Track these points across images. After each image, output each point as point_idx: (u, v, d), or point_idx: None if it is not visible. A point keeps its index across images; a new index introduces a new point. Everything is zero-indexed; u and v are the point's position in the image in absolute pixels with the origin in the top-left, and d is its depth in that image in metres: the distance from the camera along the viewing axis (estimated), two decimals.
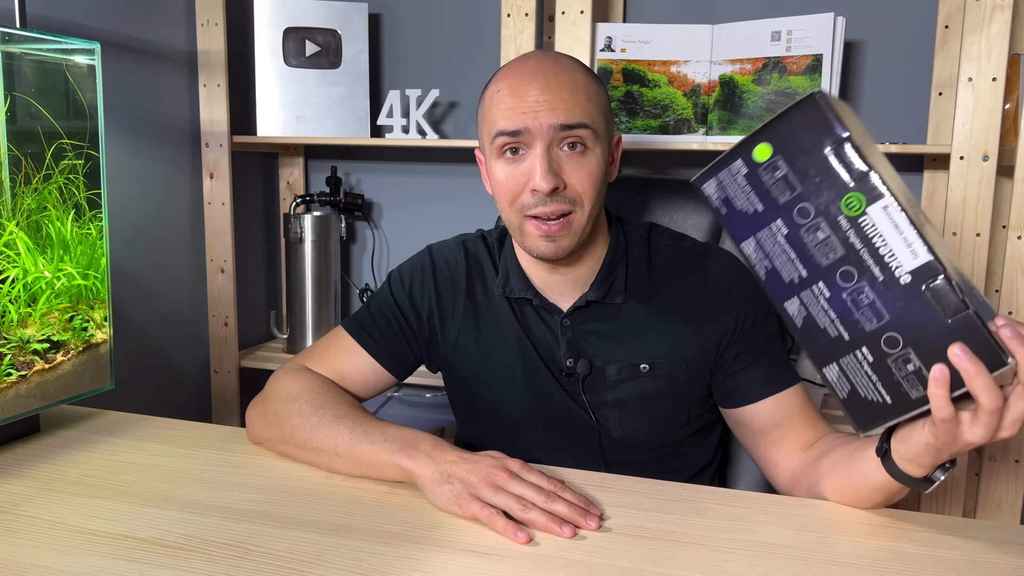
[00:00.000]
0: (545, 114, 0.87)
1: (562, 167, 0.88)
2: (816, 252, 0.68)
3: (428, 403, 1.97)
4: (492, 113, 0.90)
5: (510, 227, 0.94)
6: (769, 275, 0.71)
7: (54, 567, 0.67)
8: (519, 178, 0.89)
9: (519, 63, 0.92)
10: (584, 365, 0.96)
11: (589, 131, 0.89)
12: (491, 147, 0.91)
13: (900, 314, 0.65)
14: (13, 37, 0.93)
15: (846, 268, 0.67)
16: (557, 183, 0.87)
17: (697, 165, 1.82)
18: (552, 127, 0.87)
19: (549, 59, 0.91)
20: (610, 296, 0.97)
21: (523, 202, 0.89)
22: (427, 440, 0.82)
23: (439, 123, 1.96)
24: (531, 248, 0.92)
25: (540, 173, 0.87)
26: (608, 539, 0.73)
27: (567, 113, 0.87)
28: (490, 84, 0.93)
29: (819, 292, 0.69)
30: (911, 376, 0.66)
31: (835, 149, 0.66)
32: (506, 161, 0.90)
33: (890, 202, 0.65)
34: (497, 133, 0.89)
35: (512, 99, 0.88)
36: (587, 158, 0.89)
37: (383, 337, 1.00)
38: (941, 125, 1.62)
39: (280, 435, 0.90)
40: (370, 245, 2.06)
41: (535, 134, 0.87)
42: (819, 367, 0.70)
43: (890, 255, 0.65)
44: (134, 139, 1.62)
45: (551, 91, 0.88)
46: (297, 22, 1.78)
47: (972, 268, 1.41)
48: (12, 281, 0.92)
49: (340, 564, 0.68)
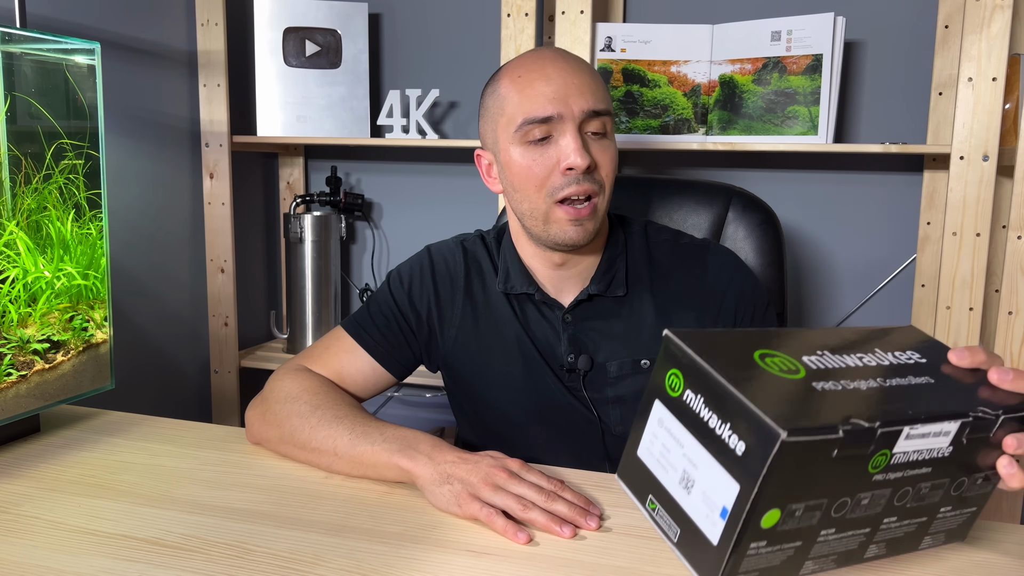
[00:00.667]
0: (575, 98, 0.88)
1: (591, 148, 0.89)
2: (868, 512, 0.62)
3: (428, 403, 1.97)
4: (513, 103, 0.90)
5: (532, 217, 0.92)
6: (839, 561, 0.64)
7: (54, 567, 0.67)
8: (547, 162, 0.89)
9: (532, 54, 0.92)
10: (585, 361, 0.97)
11: (610, 118, 0.91)
12: (512, 136, 0.90)
13: (956, 469, 0.63)
14: (13, 37, 0.93)
15: (900, 492, 0.62)
16: (591, 161, 0.88)
17: (697, 165, 1.82)
18: (582, 111, 0.88)
19: (561, 50, 0.93)
20: (611, 289, 0.97)
21: (553, 185, 0.89)
22: (427, 440, 0.82)
23: (439, 123, 1.96)
24: (557, 235, 0.91)
25: (576, 151, 0.87)
26: (608, 539, 0.72)
27: (595, 98, 0.89)
28: (502, 77, 0.93)
29: (887, 526, 0.64)
30: (982, 483, 0.66)
31: (840, 450, 0.55)
32: (531, 148, 0.90)
33: (909, 428, 0.57)
34: (524, 121, 0.89)
35: (536, 85, 0.89)
36: (610, 143, 0.91)
37: (382, 337, 1.00)
38: (941, 125, 1.62)
39: (279, 435, 0.90)
40: (370, 245, 2.06)
41: (566, 118, 0.88)
42: (914, 550, 0.68)
43: (929, 452, 0.60)
44: (134, 139, 1.62)
45: (576, 75, 0.89)
46: (297, 22, 1.78)
47: (972, 268, 1.42)
48: (12, 281, 0.92)
49: (340, 564, 0.68)
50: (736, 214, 1.20)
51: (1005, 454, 0.63)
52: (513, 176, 0.92)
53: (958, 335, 1.43)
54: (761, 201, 1.22)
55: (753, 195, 1.22)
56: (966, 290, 1.42)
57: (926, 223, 1.67)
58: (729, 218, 1.20)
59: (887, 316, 1.74)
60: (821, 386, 0.59)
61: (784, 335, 0.66)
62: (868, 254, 1.74)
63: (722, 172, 1.80)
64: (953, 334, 1.44)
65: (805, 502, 0.56)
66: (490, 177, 0.98)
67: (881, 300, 1.74)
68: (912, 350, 0.68)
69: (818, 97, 1.52)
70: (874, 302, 1.75)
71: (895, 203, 1.71)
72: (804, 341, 0.66)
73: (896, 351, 0.68)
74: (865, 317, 1.76)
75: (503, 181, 0.95)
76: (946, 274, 1.43)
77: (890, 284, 1.73)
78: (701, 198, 1.22)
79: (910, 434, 0.58)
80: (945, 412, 0.59)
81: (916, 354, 0.68)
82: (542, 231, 0.92)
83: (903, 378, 0.64)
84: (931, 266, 1.66)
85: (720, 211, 1.20)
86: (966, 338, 1.43)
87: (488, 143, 0.96)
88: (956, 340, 1.44)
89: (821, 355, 0.64)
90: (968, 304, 1.42)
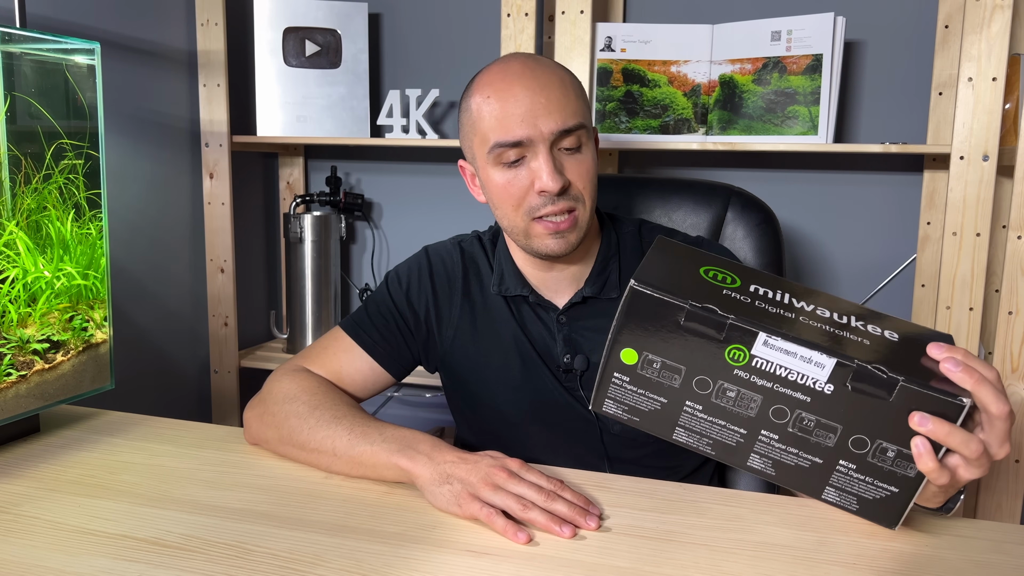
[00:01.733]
0: (543, 119, 0.87)
1: (564, 166, 0.89)
2: (739, 409, 0.68)
3: (428, 403, 1.97)
4: (484, 124, 0.89)
5: (513, 231, 0.93)
6: (716, 449, 0.71)
7: (54, 567, 0.67)
8: (522, 183, 0.89)
9: (500, 69, 0.90)
10: (581, 361, 0.97)
11: (584, 130, 0.90)
12: (487, 157, 0.90)
13: (848, 418, 0.65)
14: (13, 37, 0.93)
15: (774, 408, 0.67)
16: (563, 182, 0.88)
17: (697, 165, 1.82)
18: (552, 133, 0.87)
19: (531, 60, 0.91)
20: (605, 291, 0.97)
21: (530, 205, 0.90)
22: (426, 440, 0.82)
23: (439, 123, 1.96)
24: (539, 248, 0.92)
25: (548, 175, 0.87)
26: (608, 539, 0.73)
27: (562, 116, 0.87)
28: (473, 92, 0.92)
29: (768, 439, 0.69)
30: (898, 460, 0.66)
31: (686, 321, 0.66)
32: (505, 169, 0.90)
33: (765, 335, 0.64)
34: (494, 145, 0.88)
35: (506, 106, 0.87)
36: (584, 155, 0.90)
37: (381, 337, 1.00)
38: (941, 125, 1.62)
39: (278, 436, 0.90)
40: (370, 245, 2.06)
41: (536, 140, 0.87)
42: (818, 497, 0.71)
43: (801, 377, 0.65)
44: (134, 139, 1.62)
45: (544, 92, 0.87)
46: (297, 22, 1.78)
47: (972, 268, 1.42)
48: (12, 281, 0.92)
49: (340, 564, 0.68)
50: (735, 214, 1.20)
51: (918, 434, 0.64)
52: (491, 194, 0.93)
53: (958, 335, 1.43)
54: (760, 201, 1.22)
55: (752, 195, 1.22)
56: (966, 290, 1.42)
57: (926, 223, 1.67)
58: (728, 218, 1.20)
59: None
60: (731, 293, 0.67)
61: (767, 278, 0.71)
62: (868, 254, 1.74)
63: (722, 172, 1.80)
64: (953, 334, 1.44)
65: (662, 358, 0.68)
66: (475, 187, 0.98)
67: (881, 300, 1.74)
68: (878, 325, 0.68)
69: (818, 97, 1.52)
70: (874, 302, 1.75)
71: (895, 203, 1.71)
72: (783, 286, 0.70)
73: (860, 319, 0.68)
74: None
75: (486, 193, 0.95)
76: (946, 274, 1.43)
77: (890, 284, 1.73)
78: (700, 198, 1.22)
79: (768, 342, 0.64)
80: (813, 341, 0.63)
81: (880, 328, 0.68)
82: (524, 244, 0.93)
83: (825, 325, 0.66)
84: (931, 266, 1.66)
85: (719, 211, 1.21)
86: (966, 338, 1.43)
87: (469, 156, 0.96)
88: (956, 340, 1.44)
89: (777, 292, 0.68)
90: (968, 304, 1.43)
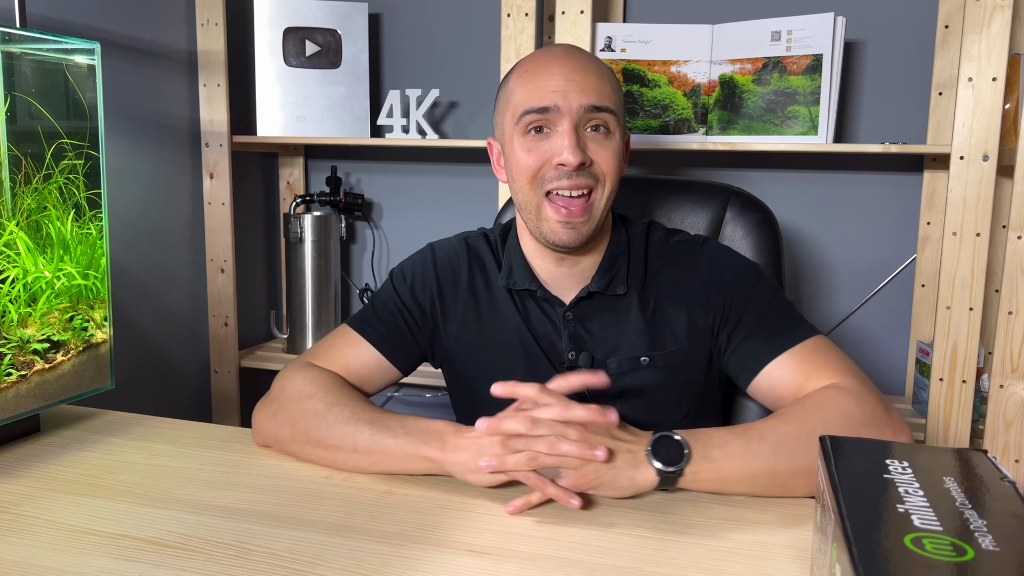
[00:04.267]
0: (574, 94, 0.89)
1: (588, 145, 0.90)
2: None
3: (428, 403, 1.97)
4: (518, 93, 0.92)
5: (527, 210, 0.94)
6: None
7: (54, 567, 0.67)
8: (542, 154, 0.91)
9: (544, 50, 0.95)
10: (586, 358, 0.97)
11: (613, 116, 0.91)
12: (515, 128, 0.92)
13: None
14: (13, 37, 0.93)
15: None
16: (584, 159, 0.89)
17: (697, 165, 1.82)
18: (581, 107, 0.89)
19: (574, 48, 0.95)
20: (612, 288, 0.97)
21: (544, 176, 0.91)
22: (449, 427, 0.84)
23: (439, 123, 1.96)
24: (548, 234, 0.92)
25: (568, 147, 0.88)
26: (608, 539, 0.73)
27: (595, 95, 0.90)
28: (513, 72, 0.96)
29: None
30: None
31: None
32: (530, 139, 0.92)
33: None
34: (524, 112, 0.91)
35: (540, 78, 0.91)
36: (611, 140, 0.92)
37: (387, 331, 1.01)
38: (941, 125, 1.62)
39: (292, 434, 0.90)
40: (370, 245, 2.06)
41: (563, 112, 0.89)
42: None
43: None
44: (134, 139, 1.62)
45: (579, 72, 0.90)
46: (297, 22, 1.78)
47: (972, 268, 1.42)
48: (12, 281, 0.92)
49: (340, 564, 0.68)
50: (734, 214, 1.20)
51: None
52: (511, 167, 0.95)
53: (958, 335, 1.43)
54: (759, 201, 1.22)
55: (751, 195, 1.22)
56: (966, 290, 1.42)
57: (926, 223, 1.67)
58: (727, 218, 1.20)
59: (887, 316, 1.74)
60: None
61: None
62: (868, 254, 1.74)
63: (722, 172, 1.80)
64: (953, 334, 1.44)
65: None
66: (499, 166, 1.00)
67: (881, 300, 1.74)
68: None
69: (818, 97, 1.52)
70: (874, 302, 1.75)
71: (895, 203, 1.71)
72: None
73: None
74: (864, 317, 1.76)
75: (507, 171, 0.97)
76: (946, 274, 1.43)
77: (890, 284, 1.73)
78: (699, 198, 1.22)
79: None
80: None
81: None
82: (535, 226, 0.94)
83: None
84: (931, 266, 1.66)
85: (718, 211, 1.21)
86: (966, 338, 1.43)
87: (498, 134, 0.99)
88: (956, 340, 1.44)
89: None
90: (968, 304, 1.43)
